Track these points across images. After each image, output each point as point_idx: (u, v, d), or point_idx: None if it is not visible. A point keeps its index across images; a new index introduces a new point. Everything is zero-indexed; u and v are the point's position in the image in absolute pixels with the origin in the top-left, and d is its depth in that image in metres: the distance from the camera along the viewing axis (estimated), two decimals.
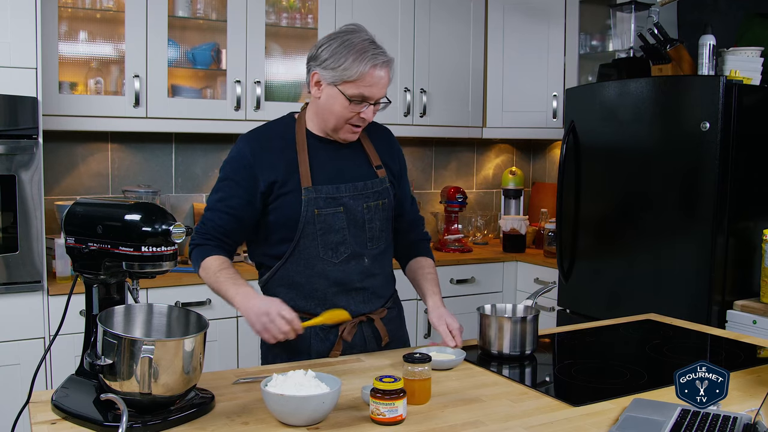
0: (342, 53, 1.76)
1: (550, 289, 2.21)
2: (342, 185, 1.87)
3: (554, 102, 3.93)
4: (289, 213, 1.83)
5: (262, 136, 1.89)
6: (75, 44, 3.18)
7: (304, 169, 1.84)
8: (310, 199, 1.83)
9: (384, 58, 1.78)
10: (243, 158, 1.84)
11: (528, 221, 4.08)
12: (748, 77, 2.95)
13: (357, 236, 1.89)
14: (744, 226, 2.90)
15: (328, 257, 1.86)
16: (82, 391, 1.46)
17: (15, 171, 2.66)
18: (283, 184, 1.83)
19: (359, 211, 1.88)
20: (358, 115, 1.81)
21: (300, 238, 1.84)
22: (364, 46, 1.76)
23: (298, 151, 1.86)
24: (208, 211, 1.88)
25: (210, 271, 1.82)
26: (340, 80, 1.77)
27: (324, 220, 1.84)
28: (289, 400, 1.37)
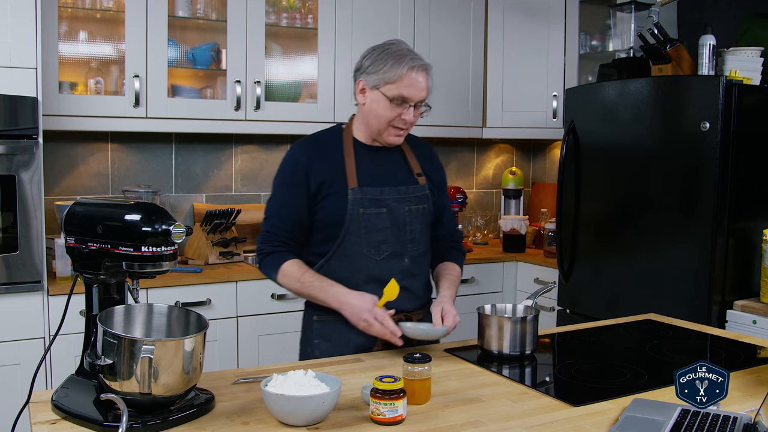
0: (382, 59, 1.93)
1: (550, 289, 2.22)
2: (386, 188, 1.99)
3: (554, 102, 3.93)
4: (335, 212, 1.95)
5: (312, 142, 2.04)
6: (75, 44, 3.18)
7: (351, 172, 1.98)
8: (356, 199, 1.95)
9: (421, 63, 1.94)
10: (297, 163, 1.98)
11: (528, 221, 4.07)
12: (748, 77, 2.95)
13: (398, 237, 2.00)
14: (744, 226, 2.90)
15: (370, 254, 1.97)
16: (82, 391, 1.46)
17: (15, 171, 2.66)
18: (330, 185, 1.96)
19: (401, 213, 2.00)
20: (399, 116, 1.94)
21: (345, 235, 1.95)
22: (402, 52, 1.94)
23: (345, 156, 2.00)
24: (271, 218, 1.99)
25: (292, 276, 1.93)
26: (382, 82, 1.92)
27: (368, 219, 1.96)
28: (289, 400, 1.37)
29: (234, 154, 3.74)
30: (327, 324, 2.00)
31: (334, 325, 1.98)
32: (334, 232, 1.96)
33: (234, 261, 3.37)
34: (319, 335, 2.02)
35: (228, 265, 3.30)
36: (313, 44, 3.60)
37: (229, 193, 3.74)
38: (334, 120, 3.60)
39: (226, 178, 3.73)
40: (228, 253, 3.36)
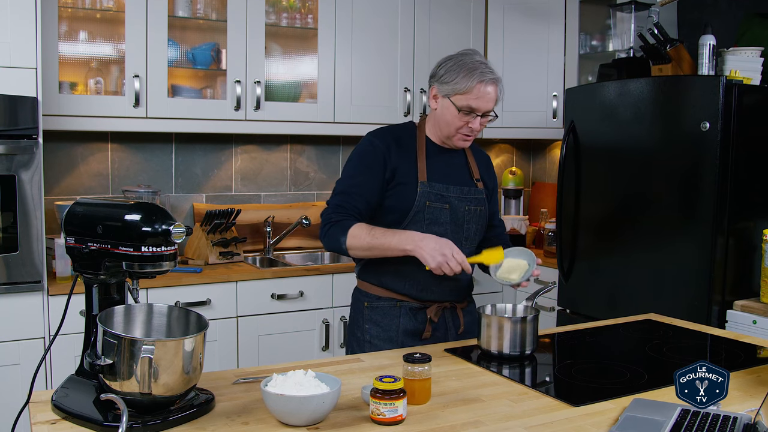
0: (455, 70, 2.03)
1: (550, 289, 2.22)
2: (451, 186, 2.12)
3: (554, 102, 3.93)
4: (404, 201, 2.07)
5: (390, 133, 2.15)
6: (75, 44, 3.18)
7: (422, 166, 2.10)
8: (424, 192, 2.08)
9: (491, 76, 2.02)
10: (376, 148, 2.09)
11: (528, 221, 4.08)
12: (748, 77, 2.95)
13: (456, 233, 2.12)
14: (744, 226, 2.90)
15: None
16: (82, 391, 1.46)
17: (15, 171, 2.66)
18: (403, 174, 2.08)
19: (461, 211, 2.13)
20: (467, 124, 2.06)
21: (409, 224, 2.07)
22: (474, 65, 2.02)
23: (417, 151, 2.13)
24: (342, 194, 2.07)
25: (362, 231, 1.98)
26: (453, 93, 2.03)
27: (432, 212, 2.08)
28: (289, 400, 1.37)
29: (234, 154, 3.74)
30: (377, 310, 2.13)
31: (384, 311, 2.12)
32: (399, 219, 2.07)
33: (234, 261, 3.37)
34: (369, 320, 2.14)
35: (228, 265, 3.30)
36: (313, 44, 3.60)
37: (229, 193, 3.74)
38: (334, 120, 3.60)
39: (226, 178, 3.73)
40: (228, 253, 3.36)
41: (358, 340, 2.16)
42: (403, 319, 2.11)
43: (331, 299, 3.33)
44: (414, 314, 2.12)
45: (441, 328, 2.14)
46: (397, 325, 2.11)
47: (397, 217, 2.07)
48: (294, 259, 3.65)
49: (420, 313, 2.12)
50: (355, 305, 2.21)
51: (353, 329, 2.19)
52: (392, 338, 2.11)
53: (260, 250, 3.70)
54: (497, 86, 2.05)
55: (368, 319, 2.14)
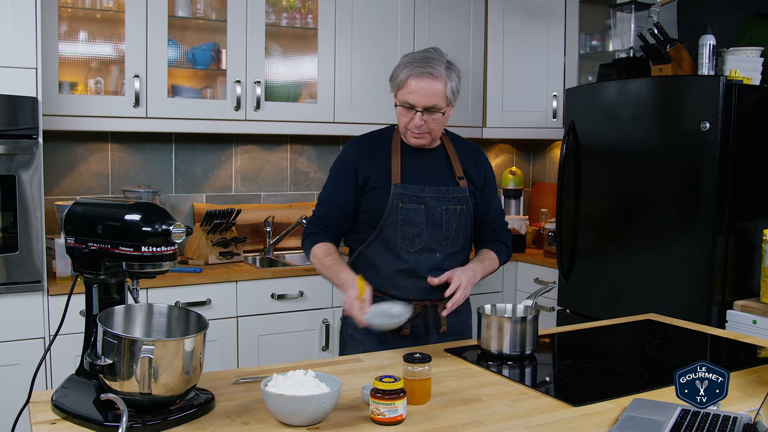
0: (398, 67, 2.06)
1: (550, 289, 2.22)
2: (427, 187, 2.11)
3: (554, 102, 3.93)
4: (377, 204, 2.10)
5: (365, 140, 2.20)
6: (75, 44, 3.18)
7: (396, 169, 2.11)
8: (397, 194, 2.09)
9: (425, 70, 1.99)
10: (348, 157, 2.15)
11: (528, 221, 4.08)
12: (748, 77, 2.95)
13: (433, 233, 2.11)
14: (744, 226, 2.90)
15: (404, 246, 2.09)
16: (82, 391, 1.46)
17: (15, 171, 2.66)
18: (376, 179, 2.11)
19: (438, 212, 2.11)
20: (411, 121, 2.06)
21: (384, 226, 2.09)
22: (414, 59, 2.03)
23: (392, 155, 2.14)
24: (320, 204, 2.17)
25: (317, 256, 2.09)
26: (395, 89, 2.08)
27: (406, 213, 2.09)
28: (289, 400, 1.37)
29: (234, 154, 3.74)
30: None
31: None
32: (374, 222, 2.10)
33: (234, 261, 3.37)
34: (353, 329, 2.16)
35: (228, 265, 3.30)
36: (313, 44, 3.60)
37: (229, 193, 3.74)
38: (334, 120, 3.60)
39: (226, 178, 3.73)
40: (228, 253, 3.36)
41: (343, 334, 2.23)
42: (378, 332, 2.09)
43: (331, 299, 3.33)
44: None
45: (422, 326, 2.13)
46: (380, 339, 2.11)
47: (372, 220, 2.11)
48: (294, 259, 3.65)
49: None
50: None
51: (343, 325, 2.24)
52: (372, 333, 2.09)
53: (260, 250, 3.70)
54: (435, 80, 1.99)
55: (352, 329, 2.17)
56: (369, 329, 2.02)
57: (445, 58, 2.08)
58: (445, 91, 2.02)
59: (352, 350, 2.14)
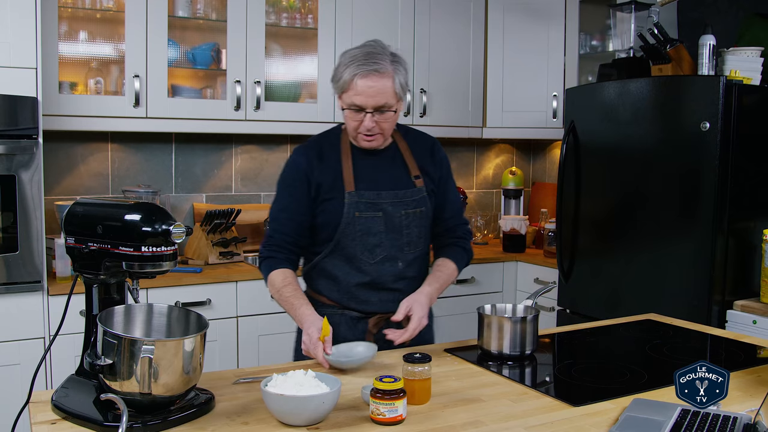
0: (339, 66, 1.89)
1: (550, 289, 2.21)
2: (383, 192, 1.98)
3: (554, 102, 3.93)
4: (332, 215, 1.97)
5: (313, 146, 2.03)
6: (75, 44, 3.18)
7: (348, 176, 1.97)
8: (352, 202, 1.96)
9: (369, 68, 1.84)
10: (298, 167, 2.00)
11: (528, 221, 4.07)
12: (748, 77, 2.95)
13: (394, 240, 2.00)
14: (744, 226, 2.90)
15: (365, 257, 1.99)
16: (82, 391, 1.46)
17: (15, 171, 2.66)
18: (329, 188, 1.97)
19: (397, 218, 1.99)
20: (360, 123, 1.91)
21: (340, 238, 1.97)
22: (357, 57, 1.86)
23: (342, 160, 1.99)
24: (273, 222, 2.01)
25: (274, 286, 1.95)
26: (339, 91, 1.91)
27: (364, 222, 1.97)
28: (289, 400, 1.37)
29: (234, 154, 3.74)
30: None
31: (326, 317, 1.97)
32: (330, 235, 1.98)
33: (234, 261, 3.37)
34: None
35: (228, 265, 3.30)
36: (313, 44, 3.60)
37: (229, 193, 3.74)
38: (334, 120, 3.60)
39: (226, 178, 3.73)
40: (228, 253, 3.36)
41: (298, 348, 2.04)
42: (342, 327, 2.00)
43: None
44: (354, 324, 2.02)
45: (382, 338, 1.94)
46: (336, 333, 1.96)
47: (328, 233, 1.97)
48: None
49: (361, 323, 2.02)
50: None
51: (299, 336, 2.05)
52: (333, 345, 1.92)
53: None
54: (382, 77, 1.85)
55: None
56: None
57: (389, 50, 1.92)
58: (394, 87, 1.88)
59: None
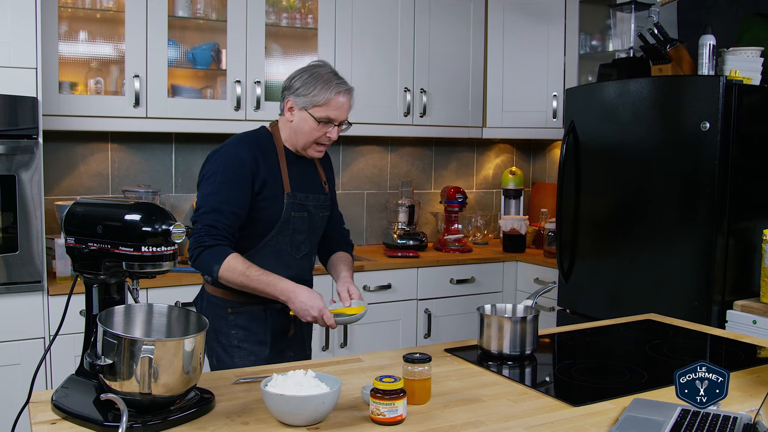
0: (311, 83, 2.08)
1: (550, 289, 2.22)
2: (310, 195, 2.19)
3: (554, 102, 3.93)
4: (271, 213, 2.11)
5: (253, 143, 2.14)
6: (75, 44, 3.18)
7: (285, 178, 2.14)
8: (290, 203, 2.13)
9: (346, 87, 2.11)
10: (243, 162, 2.08)
11: (528, 221, 4.08)
12: (748, 77, 2.95)
13: (311, 238, 2.23)
14: (744, 226, 2.90)
15: (292, 253, 2.18)
16: (82, 391, 1.46)
17: (15, 171, 2.66)
18: (271, 188, 2.11)
19: (317, 218, 2.23)
20: (325, 134, 2.11)
21: (276, 235, 2.13)
22: (329, 77, 2.10)
23: (279, 161, 2.15)
24: (213, 212, 2.04)
25: (236, 270, 1.99)
26: (310, 105, 2.08)
27: (295, 222, 2.16)
28: (289, 400, 1.37)
29: None
30: (243, 315, 2.14)
31: (251, 315, 2.14)
32: (265, 231, 2.11)
33: None
34: (236, 326, 2.14)
35: None
36: (313, 44, 3.60)
37: None
38: None
39: None
40: None
41: (224, 346, 2.14)
42: (270, 320, 2.16)
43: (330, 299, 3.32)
44: (279, 315, 2.16)
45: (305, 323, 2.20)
46: (265, 328, 2.15)
47: (263, 228, 2.11)
48: None
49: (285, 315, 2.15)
50: (212, 312, 2.14)
51: (215, 336, 2.14)
52: (262, 340, 2.15)
53: None
54: (351, 96, 2.13)
55: (234, 324, 2.13)
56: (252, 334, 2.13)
57: None
58: (352, 104, 2.14)
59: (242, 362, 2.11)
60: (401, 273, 3.56)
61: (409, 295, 3.59)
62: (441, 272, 3.67)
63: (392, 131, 3.82)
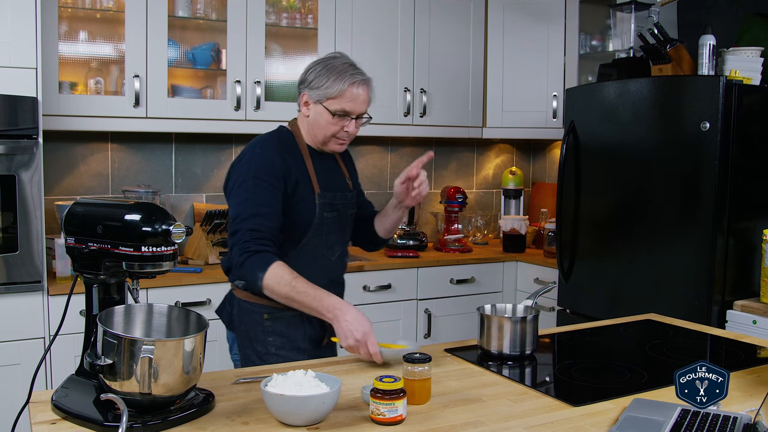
0: (325, 74, 2.00)
1: (550, 289, 2.22)
2: (338, 193, 2.11)
3: (554, 102, 3.93)
4: (304, 215, 2.02)
5: (278, 143, 2.06)
6: (75, 44, 3.18)
7: (313, 177, 2.06)
8: (321, 203, 2.05)
9: (361, 78, 2.01)
10: (273, 163, 1.98)
11: (528, 221, 4.07)
12: (748, 77, 2.95)
13: (343, 237, 2.15)
14: (744, 226, 2.90)
15: (327, 255, 2.10)
16: (82, 391, 1.46)
17: (15, 171, 2.66)
18: (302, 188, 2.02)
19: (345, 216, 2.14)
20: (342, 129, 2.03)
21: (311, 237, 2.04)
22: (344, 67, 2.01)
23: (305, 160, 2.07)
24: (256, 217, 1.91)
25: (283, 279, 1.86)
26: (324, 98, 2.00)
27: (328, 222, 2.07)
28: (289, 400, 1.37)
29: (234, 154, 3.74)
30: (281, 321, 2.02)
31: (288, 321, 2.03)
32: (300, 234, 2.02)
33: None
34: (273, 332, 2.03)
35: None
36: (313, 44, 3.60)
37: None
38: None
39: None
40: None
41: (260, 354, 2.04)
42: (307, 327, 2.04)
43: None
44: (316, 321, 2.01)
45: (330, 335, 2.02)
46: (303, 334, 2.04)
47: (299, 232, 2.02)
48: None
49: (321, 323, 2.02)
50: (245, 318, 2.05)
51: (249, 343, 2.05)
52: (300, 347, 2.04)
53: None
54: (368, 87, 2.03)
55: (270, 331, 2.02)
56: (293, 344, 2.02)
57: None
58: (371, 96, 2.06)
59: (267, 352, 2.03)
60: (401, 273, 3.56)
61: (409, 295, 3.59)
62: (441, 272, 3.67)
63: (392, 131, 3.83)
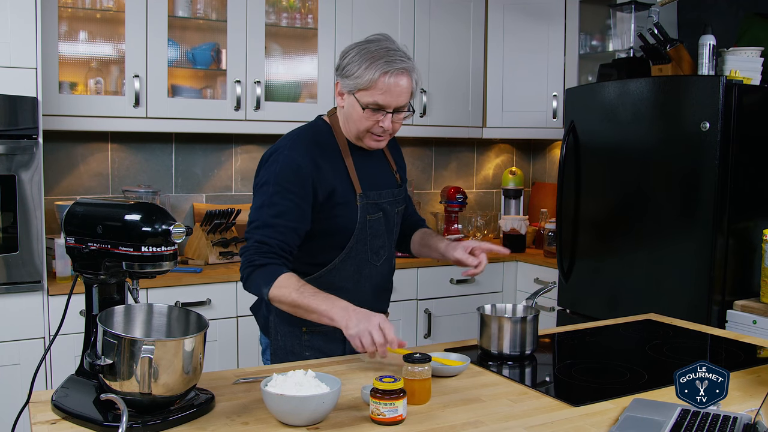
0: (357, 61, 1.75)
1: (550, 289, 2.21)
2: (382, 191, 1.91)
3: (554, 102, 3.93)
4: (345, 220, 1.85)
5: (310, 144, 1.84)
6: (75, 44, 3.18)
7: (353, 176, 1.86)
8: (364, 205, 1.86)
9: (399, 66, 1.74)
10: (300, 169, 1.78)
11: (528, 221, 4.08)
12: (748, 77, 2.95)
13: (390, 239, 1.97)
14: (744, 226, 2.90)
15: (373, 261, 1.92)
16: (82, 391, 1.46)
17: (15, 171, 2.66)
18: (341, 193, 1.83)
19: (392, 216, 1.95)
20: (377, 124, 1.81)
21: (355, 243, 1.87)
22: (379, 53, 1.74)
23: (344, 158, 1.86)
24: (266, 228, 1.76)
25: (290, 286, 1.71)
26: (356, 88, 1.77)
27: (372, 225, 1.89)
28: (289, 400, 1.37)
29: (234, 154, 3.74)
30: (319, 336, 1.90)
31: (327, 336, 1.89)
32: (342, 241, 1.85)
33: (234, 261, 3.37)
34: (310, 347, 1.91)
35: (228, 265, 3.30)
36: (313, 44, 3.60)
37: (229, 193, 3.74)
38: None
39: (226, 178, 3.73)
40: (228, 253, 3.36)
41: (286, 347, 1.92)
42: (347, 341, 1.78)
43: None
44: None
45: None
46: (342, 349, 1.90)
47: (342, 238, 1.85)
48: None
49: None
50: (282, 330, 1.92)
51: (285, 356, 1.91)
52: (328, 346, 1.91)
53: None
54: (409, 76, 1.77)
55: (308, 345, 1.90)
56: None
57: (399, 44, 1.81)
58: (413, 86, 1.79)
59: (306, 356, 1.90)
60: (401, 273, 3.55)
61: (409, 295, 3.59)
62: (441, 272, 3.67)
63: None
